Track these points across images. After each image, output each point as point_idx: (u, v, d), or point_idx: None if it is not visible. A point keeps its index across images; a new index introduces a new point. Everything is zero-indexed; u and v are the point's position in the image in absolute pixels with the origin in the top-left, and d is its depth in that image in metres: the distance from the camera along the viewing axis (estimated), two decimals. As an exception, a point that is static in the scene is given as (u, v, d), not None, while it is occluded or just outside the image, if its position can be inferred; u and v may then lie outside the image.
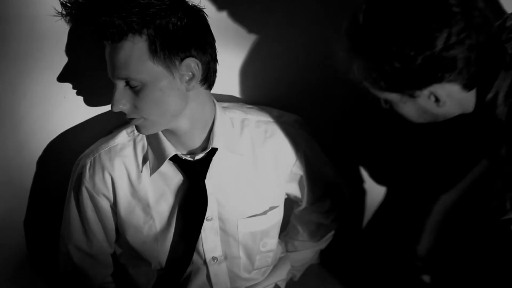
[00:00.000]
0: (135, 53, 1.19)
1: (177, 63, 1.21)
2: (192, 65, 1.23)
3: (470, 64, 1.01)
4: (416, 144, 1.57)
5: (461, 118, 1.15)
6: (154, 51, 1.19)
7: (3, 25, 1.28)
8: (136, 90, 1.22)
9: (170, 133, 1.33)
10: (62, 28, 1.28)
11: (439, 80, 1.03)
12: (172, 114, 1.26)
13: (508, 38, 1.13)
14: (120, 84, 1.23)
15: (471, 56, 1.01)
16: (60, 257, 1.47)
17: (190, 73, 1.23)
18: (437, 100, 1.08)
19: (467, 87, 1.06)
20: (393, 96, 1.09)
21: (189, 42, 1.22)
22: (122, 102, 1.23)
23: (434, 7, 0.99)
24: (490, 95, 1.08)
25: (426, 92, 1.06)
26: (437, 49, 0.99)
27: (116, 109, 1.24)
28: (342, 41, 1.07)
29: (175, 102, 1.25)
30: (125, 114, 1.26)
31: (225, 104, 1.43)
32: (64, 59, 1.35)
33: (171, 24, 1.19)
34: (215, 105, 1.36)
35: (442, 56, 0.99)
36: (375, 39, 1.02)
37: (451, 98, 1.08)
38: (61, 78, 1.37)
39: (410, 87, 1.05)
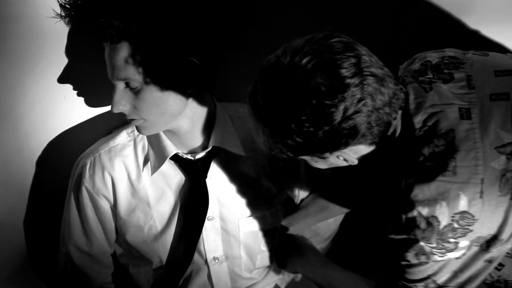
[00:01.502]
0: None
1: (176, 64, 1.21)
2: (192, 65, 1.22)
3: (371, 127, 1.03)
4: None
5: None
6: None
7: (3, 25, 1.28)
8: (135, 91, 1.22)
9: (171, 133, 1.33)
10: (62, 28, 1.28)
11: (344, 146, 1.04)
12: (172, 115, 1.26)
13: (402, 81, 1.16)
14: (120, 85, 1.23)
15: (370, 120, 1.03)
16: (60, 257, 1.47)
17: (190, 73, 1.23)
18: (345, 159, 1.10)
19: (372, 144, 1.08)
20: (304, 157, 1.11)
21: (189, 42, 1.21)
22: (122, 103, 1.23)
23: (328, 82, 0.99)
24: (388, 135, 1.10)
25: (334, 154, 1.08)
26: (336, 122, 1.00)
27: (116, 110, 1.24)
28: (248, 110, 1.08)
29: (175, 103, 1.25)
30: (125, 114, 1.25)
31: (226, 104, 1.42)
32: (64, 59, 1.35)
33: (170, 26, 1.19)
34: (215, 105, 1.36)
35: (342, 127, 1.01)
36: (274, 117, 1.03)
37: (359, 154, 1.10)
38: (61, 78, 1.36)
39: (317, 153, 1.07)
